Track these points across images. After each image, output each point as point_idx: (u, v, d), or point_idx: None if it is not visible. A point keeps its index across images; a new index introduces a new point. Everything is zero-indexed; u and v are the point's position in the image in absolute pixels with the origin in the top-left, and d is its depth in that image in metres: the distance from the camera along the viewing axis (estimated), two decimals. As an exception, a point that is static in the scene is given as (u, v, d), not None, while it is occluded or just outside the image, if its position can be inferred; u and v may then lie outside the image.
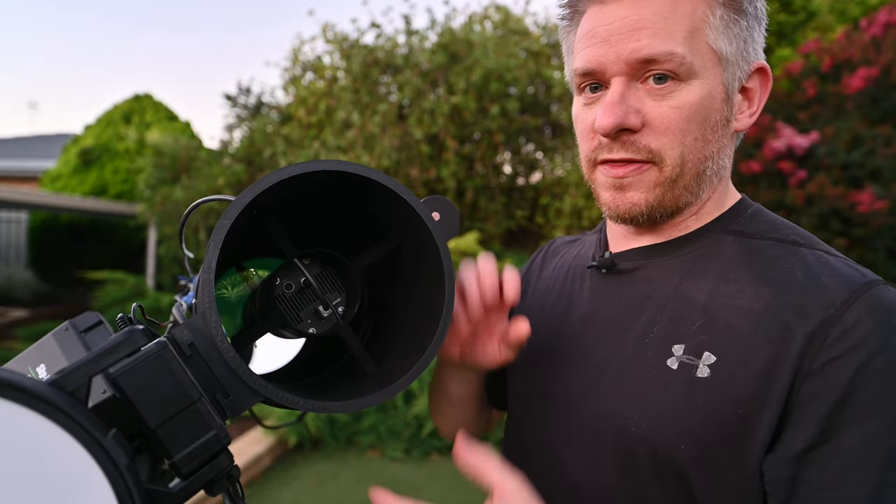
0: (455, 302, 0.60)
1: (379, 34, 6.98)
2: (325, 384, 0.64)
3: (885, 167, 5.20)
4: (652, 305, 0.60)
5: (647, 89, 0.56)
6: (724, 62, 0.56)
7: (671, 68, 0.55)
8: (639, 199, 0.59)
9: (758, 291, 0.55)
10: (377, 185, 0.52)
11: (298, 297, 0.57)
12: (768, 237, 0.59)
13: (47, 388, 0.33)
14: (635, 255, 0.65)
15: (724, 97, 0.57)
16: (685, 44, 0.55)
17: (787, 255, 0.57)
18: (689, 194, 0.60)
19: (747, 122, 0.60)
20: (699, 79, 0.55)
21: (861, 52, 5.51)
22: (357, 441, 4.16)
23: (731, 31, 0.56)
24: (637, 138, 0.57)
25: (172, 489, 0.37)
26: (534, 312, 0.75)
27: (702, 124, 0.56)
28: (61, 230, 9.07)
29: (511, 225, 6.90)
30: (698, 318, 0.57)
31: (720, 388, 0.53)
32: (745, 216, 0.62)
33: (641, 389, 0.58)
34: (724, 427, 0.52)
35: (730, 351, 0.54)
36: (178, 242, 0.65)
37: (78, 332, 0.52)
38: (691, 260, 0.60)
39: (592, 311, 0.66)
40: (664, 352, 0.57)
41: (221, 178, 6.78)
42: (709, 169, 0.59)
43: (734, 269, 0.58)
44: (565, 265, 0.76)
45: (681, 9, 0.55)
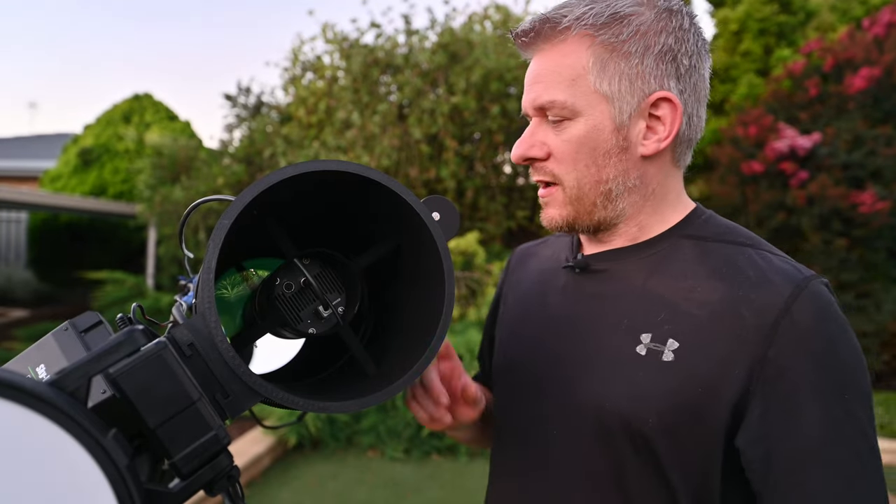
0: (431, 403, 0.72)
1: (379, 34, 6.98)
2: (325, 384, 0.64)
3: (887, 167, 5.20)
4: (622, 301, 0.69)
5: (550, 126, 0.69)
6: (610, 99, 0.66)
7: (557, 112, 0.67)
8: (555, 215, 0.71)
9: (713, 285, 0.64)
10: (377, 185, 0.52)
11: (298, 297, 0.57)
12: (721, 239, 0.69)
13: (47, 389, 0.33)
14: (606, 257, 0.73)
15: (612, 128, 0.67)
16: (567, 90, 0.66)
17: (736, 255, 0.66)
18: (604, 210, 0.69)
19: (655, 147, 0.67)
20: (584, 116, 0.66)
21: (863, 52, 5.51)
22: (357, 441, 4.16)
23: (611, 72, 0.65)
24: (544, 165, 0.70)
25: (172, 489, 0.37)
26: (515, 314, 0.84)
27: (591, 153, 0.67)
28: (61, 230, 9.08)
29: (511, 225, 6.91)
30: (662, 310, 0.66)
31: (683, 370, 0.62)
32: (699, 222, 0.71)
33: (616, 373, 0.66)
34: (687, 403, 0.62)
35: (690, 337, 0.63)
36: (178, 242, 0.65)
37: (78, 332, 0.52)
38: (655, 261, 0.70)
39: (570, 308, 0.75)
40: (634, 340, 0.66)
41: (221, 178, 6.79)
42: (615, 189, 0.68)
43: (692, 268, 0.67)
44: (539, 267, 0.84)
45: (566, 61, 0.67)
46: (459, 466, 3.89)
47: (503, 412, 0.81)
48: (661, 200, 0.71)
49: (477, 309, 5.21)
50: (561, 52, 0.67)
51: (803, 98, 5.76)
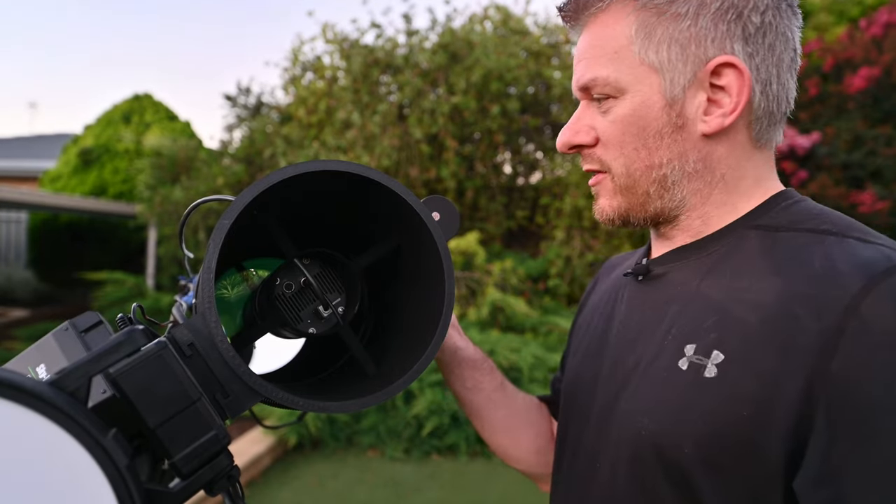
0: None
1: (379, 34, 6.98)
2: (325, 384, 0.64)
3: (886, 167, 5.19)
4: (674, 308, 0.60)
5: (597, 107, 0.62)
6: (660, 70, 0.57)
7: (601, 91, 0.60)
8: (605, 206, 0.64)
9: (771, 284, 0.52)
10: (377, 185, 0.52)
11: (298, 297, 0.57)
12: (796, 228, 0.56)
13: (47, 388, 0.33)
14: (667, 259, 0.65)
15: (662, 104, 0.58)
16: (609, 65, 0.59)
17: (811, 245, 0.53)
18: (660, 199, 0.61)
19: (719, 123, 0.57)
20: (630, 92, 0.59)
21: (863, 52, 5.51)
22: (357, 441, 4.16)
23: (658, 38, 0.57)
24: (592, 151, 0.63)
25: (172, 489, 0.37)
26: (583, 328, 0.77)
27: (639, 134, 0.59)
28: (61, 230, 9.07)
29: (511, 225, 6.91)
30: (711, 316, 0.55)
31: (725, 388, 0.51)
32: (777, 209, 0.59)
33: (653, 392, 0.57)
34: (729, 429, 0.50)
35: (738, 348, 0.52)
36: (178, 242, 0.65)
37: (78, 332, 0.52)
38: (713, 259, 0.59)
39: (626, 318, 0.67)
40: (678, 353, 0.56)
41: (221, 178, 6.79)
42: (671, 175, 0.59)
43: (751, 264, 0.56)
44: (615, 279, 0.77)
45: (607, 32, 0.59)
46: (459, 466, 3.89)
47: (560, 432, 0.74)
48: (734, 188, 0.60)
49: (477, 309, 5.21)
50: (601, 23, 0.60)
51: (803, 98, 5.75)
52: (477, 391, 0.83)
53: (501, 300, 5.18)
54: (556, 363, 4.38)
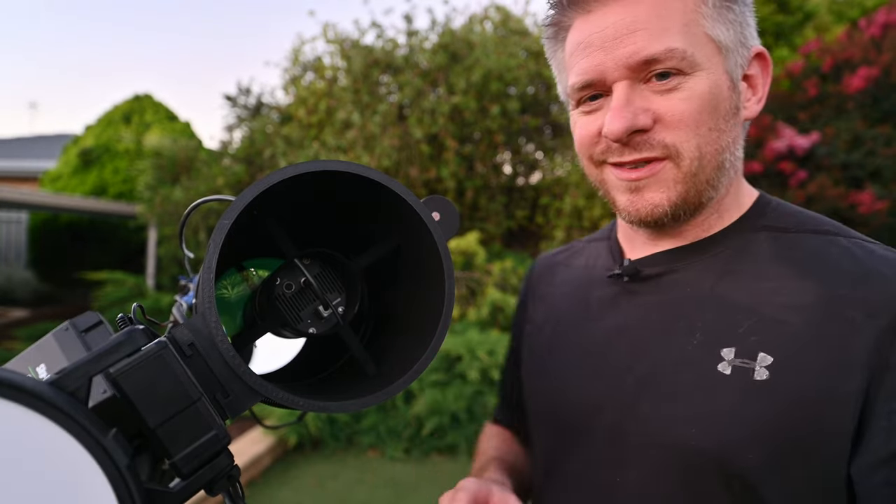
0: None
1: (379, 34, 6.98)
2: (325, 384, 0.64)
3: (886, 167, 5.19)
4: (688, 311, 0.58)
5: (652, 88, 0.56)
6: (724, 50, 0.56)
7: (673, 65, 0.54)
8: (660, 199, 0.57)
9: (803, 285, 0.53)
10: (377, 185, 0.52)
11: (298, 297, 0.57)
12: (802, 230, 0.58)
13: (47, 388, 0.33)
14: (660, 260, 0.62)
15: (730, 85, 0.56)
16: (683, 38, 0.54)
17: (825, 246, 0.55)
18: (711, 188, 0.58)
19: (755, 110, 0.59)
20: (704, 69, 0.55)
21: (861, 52, 5.51)
22: (357, 441, 4.16)
23: (725, 18, 0.55)
24: (650, 136, 0.56)
25: (172, 489, 0.37)
26: (549, 335, 0.72)
27: (713, 114, 0.55)
28: (61, 230, 9.08)
29: (511, 225, 6.91)
30: (745, 319, 0.54)
31: (782, 390, 0.51)
32: (771, 210, 0.60)
33: (696, 399, 0.55)
34: (792, 430, 0.50)
35: (787, 350, 0.52)
36: (178, 243, 0.65)
37: (78, 332, 0.52)
38: (724, 260, 0.58)
39: (621, 321, 0.63)
40: (713, 357, 0.54)
41: (221, 178, 6.79)
42: (727, 160, 0.58)
43: (773, 266, 0.56)
44: (572, 279, 0.73)
45: (672, 3, 0.54)
46: (459, 466, 3.89)
47: (550, 455, 0.68)
48: (740, 181, 0.61)
49: (477, 309, 5.21)
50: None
51: (802, 98, 5.76)
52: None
53: (501, 300, 5.18)
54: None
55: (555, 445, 0.68)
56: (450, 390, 4.09)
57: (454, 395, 4.06)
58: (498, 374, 4.23)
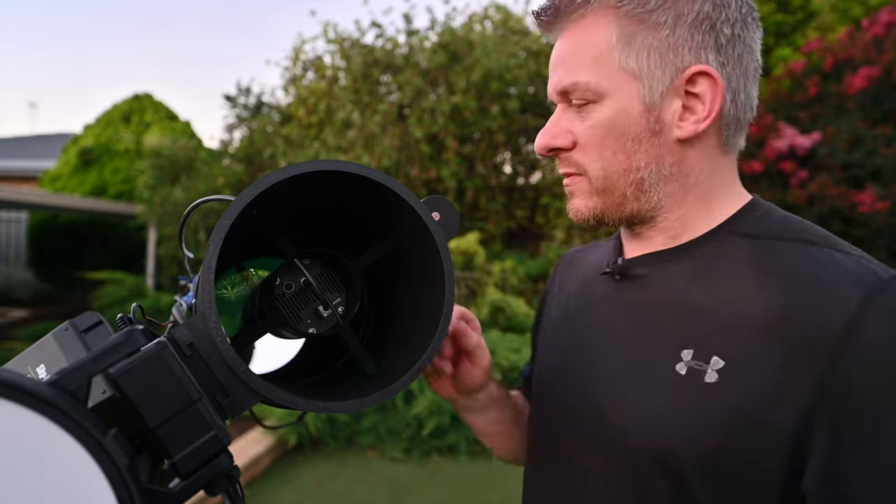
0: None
1: (379, 34, 6.98)
2: (325, 384, 0.64)
3: (886, 167, 5.19)
4: (662, 311, 0.61)
5: (575, 112, 0.62)
6: (639, 77, 0.59)
7: (580, 95, 0.61)
8: (580, 206, 0.65)
9: (766, 293, 0.54)
10: (377, 185, 0.52)
11: (298, 297, 0.57)
12: (779, 237, 0.59)
13: (47, 388, 0.33)
14: (647, 261, 0.65)
15: (641, 110, 0.59)
16: (589, 71, 0.60)
17: (796, 254, 0.56)
18: (636, 202, 0.62)
19: (694, 129, 0.59)
20: (609, 98, 0.60)
21: (863, 52, 5.51)
22: (357, 441, 4.16)
23: (638, 46, 0.58)
24: (569, 155, 0.64)
25: (172, 489, 0.37)
26: (555, 325, 0.77)
27: (618, 139, 0.60)
28: (61, 230, 9.08)
29: (511, 225, 6.91)
30: (706, 321, 0.57)
31: (728, 394, 0.52)
32: (754, 217, 0.62)
33: (650, 397, 0.58)
34: (734, 436, 0.51)
35: (738, 355, 0.53)
36: (178, 243, 0.65)
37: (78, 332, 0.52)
38: (699, 263, 0.61)
39: (607, 319, 0.67)
40: (674, 357, 0.57)
41: (221, 178, 6.79)
42: (647, 178, 0.61)
43: (741, 271, 0.57)
44: (584, 274, 0.77)
45: (587, 39, 0.60)
46: (459, 466, 3.89)
47: (535, 431, 0.74)
48: (707, 192, 0.63)
49: (477, 309, 5.20)
50: (582, 29, 0.61)
51: (803, 98, 5.76)
52: (500, 423, 0.85)
53: (501, 300, 5.18)
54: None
55: (540, 427, 0.73)
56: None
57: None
58: (498, 374, 4.26)
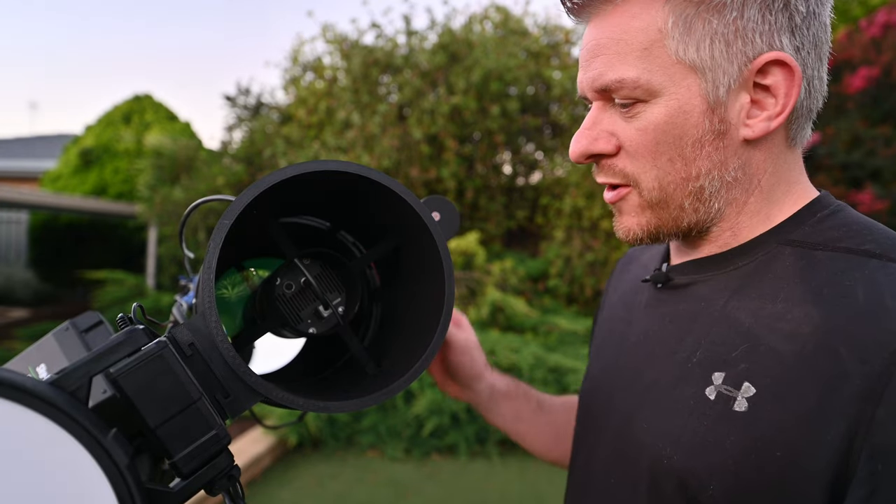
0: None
1: (379, 34, 6.98)
2: (326, 384, 0.64)
3: (886, 167, 5.20)
4: (698, 326, 0.55)
5: (619, 111, 0.54)
6: (700, 70, 0.50)
7: (627, 94, 0.52)
8: (631, 224, 0.57)
9: (808, 312, 0.47)
10: (377, 185, 0.52)
11: (298, 297, 0.57)
12: (835, 247, 0.50)
13: (48, 388, 0.33)
14: (689, 269, 0.59)
15: (703, 109, 0.51)
16: (638, 64, 0.51)
17: (852, 269, 0.48)
18: (695, 213, 0.54)
19: (765, 127, 0.51)
20: (664, 96, 0.51)
21: (861, 52, 5.51)
22: (357, 441, 4.16)
23: (699, 33, 0.50)
24: (614, 162, 0.55)
25: (173, 489, 0.37)
26: (604, 329, 0.73)
27: (675, 144, 0.52)
28: (62, 230, 9.08)
29: (511, 225, 6.91)
30: (741, 342, 0.50)
31: (757, 426, 0.47)
32: (813, 222, 0.53)
33: (677, 419, 0.53)
34: (760, 471, 0.46)
35: (771, 383, 0.47)
36: (179, 242, 0.65)
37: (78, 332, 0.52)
38: (742, 275, 0.54)
39: (645, 329, 0.62)
40: (705, 379, 0.52)
41: (221, 178, 6.79)
42: (708, 186, 0.53)
43: (787, 286, 0.50)
44: (635, 277, 0.72)
45: (635, 24, 0.51)
46: (459, 466, 3.89)
47: (576, 438, 0.70)
48: (769, 194, 0.55)
49: (477, 309, 5.20)
50: (627, 13, 0.51)
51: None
52: (519, 421, 0.82)
53: (501, 300, 5.18)
54: (556, 363, 4.38)
55: (580, 433, 0.70)
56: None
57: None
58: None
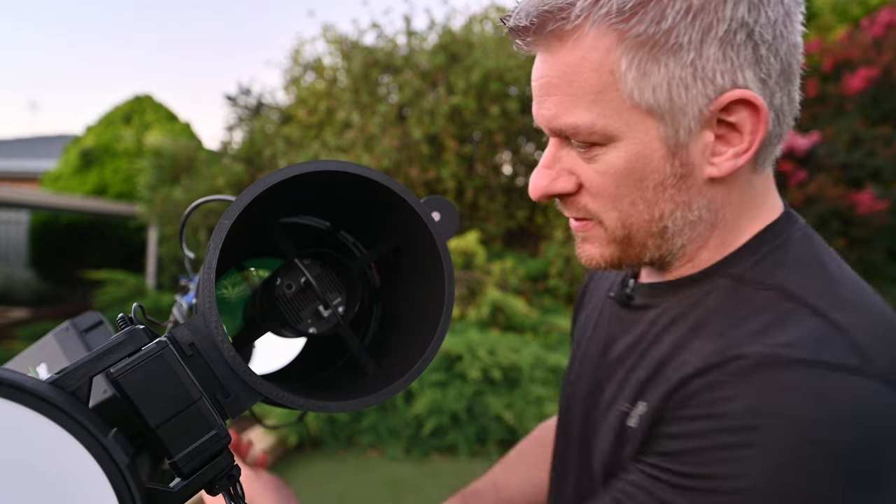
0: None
1: (379, 35, 6.99)
2: (326, 384, 0.64)
3: (886, 168, 5.20)
4: (639, 351, 0.57)
5: (577, 152, 0.52)
6: (658, 114, 0.47)
7: (583, 139, 0.49)
8: (594, 254, 0.56)
9: (710, 347, 0.48)
10: (377, 185, 0.52)
11: (299, 297, 0.57)
12: (763, 283, 0.50)
13: (48, 388, 0.33)
14: (647, 292, 0.60)
15: (664, 153, 0.48)
16: (592, 108, 0.48)
17: (763, 311, 0.47)
18: (658, 250, 0.54)
19: (731, 165, 0.49)
20: (622, 140, 0.48)
21: (861, 53, 5.51)
22: (357, 441, 4.16)
23: (655, 77, 0.46)
24: (576, 199, 0.54)
25: (173, 489, 0.38)
26: (577, 340, 0.74)
27: (636, 187, 0.50)
28: (62, 230, 9.08)
29: (511, 225, 6.91)
30: (657, 368, 0.52)
31: (640, 440, 0.51)
32: (758, 255, 0.52)
33: (605, 436, 0.57)
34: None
35: (651, 401, 0.51)
36: (179, 242, 0.65)
37: (78, 332, 0.52)
38: (686, 306, 0.54)
39: (605, 346, 0.63)
40: (625, 397, 0.55)
41: (221, 178, 6.79)
42: (671, 226, 0.52)
43: (712, 320, 0.50)
44: (605, 289, 0.72)
45: (586, 65, 0.47)
46: (459, 466, 3.89)
47: (556, 430, 0.73)
48: (732, 225, 0.53)
49: (477, 309, 5.21)
50: (577, 52, 0.47)
51: (802, 98, 5.76)
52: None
53: (501, 300, 5.18)
54: (556, 363, 4.38)
55: (555, 447, 0.72)
56: (450, 390, 4.09)
57: (454, 395, 4.06)
58: (498, 373, 4.26)
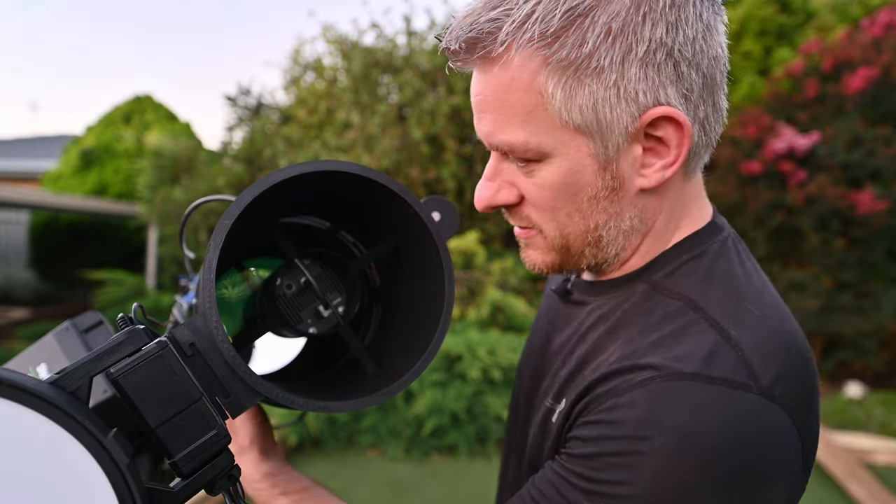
0: None
1: (379, 35, 6.99)
2: (326, 384, 0.64)
3: (886, 168, 5.20)
4: (569, 346, 0.60)
5: (516, 166, 0.54)
6: (587, 133, 0.49)
7: (519, 156, 0.52)
8: (536, 259, 0.59)
9: (619, 351, 0.52)
10: (377, 186, 0.52)
11: (299, 297, 0.57)
12: (674, 293, 0.53)
13: (48, 388, 0.33)
14: (583, 289, 0.63)
15: (595, 168, 0.51)
16: (525, 127, 0.50)
17: (668, 319, 0.51)
18: (594, 258, 0.57)
19: (660, 177, 0.52)
20: (555, 157, 0.51)
21: (861, 53, 5.51)
22: (357, 441, 4.16)
23: (581, 98, 0.48)
24: (518, 209, 0.56)
25: (173, 488, 0.38)
26: (535, 321, 0.77)
27: (571, 200, 0.53)
28: (62, 230, 9.08)
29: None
30: (576, 366, 0.56)
31: (557, 437, 0.55)
32: (674, 264, 0.56)
33: (530, 428, 0.62)
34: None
35: (570, 399, 0.55)
36: (179, 242, 0.65)
37: (79, 332, 0.52)
38: (610, 307, 0.57)
39: (547, 338, 0.66)
40: (552, 392, 0.59)
41: (222, 178, 6.79)
42: (606, 235, 0.55)
43: (629, 323, 0.54)
44: (556, 278, 0.76)
45: (516, 87, 0.49)
46: (459, 466, 3.89)
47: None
48: (661, 232, 0.57)
49: (477, 309, 5.21)
50: (507, 74, 0.49)
51: (802, 98, 5.76)
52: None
53: (501, 300, 5.18)
54: (556, 363, 4.37)
55: (506, 429, 0.76)
56: (450, 390, 4.09)
57: (454, 395, 4.06)
58: (498, 373, 4.26)
